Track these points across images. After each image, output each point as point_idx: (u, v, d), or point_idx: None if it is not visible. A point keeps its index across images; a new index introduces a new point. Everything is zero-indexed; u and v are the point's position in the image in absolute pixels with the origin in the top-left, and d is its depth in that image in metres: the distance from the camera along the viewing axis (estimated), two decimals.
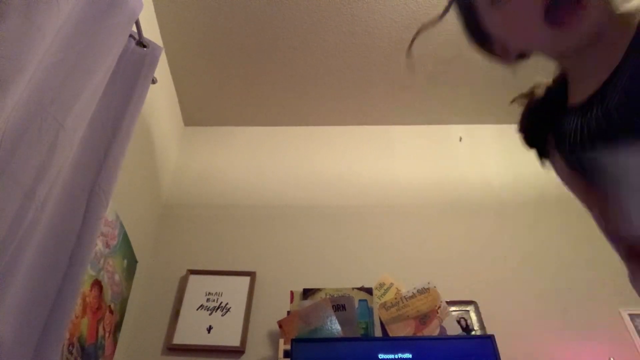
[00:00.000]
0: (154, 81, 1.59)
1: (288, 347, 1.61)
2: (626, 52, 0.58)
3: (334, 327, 1.68)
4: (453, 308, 1.85)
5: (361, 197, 2.32)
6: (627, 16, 0.60)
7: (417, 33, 0.81)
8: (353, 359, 1.54)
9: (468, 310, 1.86)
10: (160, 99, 2.20)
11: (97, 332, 1.56)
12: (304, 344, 1.57)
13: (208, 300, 1.94)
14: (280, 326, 1.76)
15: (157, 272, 2.06)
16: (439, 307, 1.79)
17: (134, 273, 1.90)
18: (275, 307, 1.90)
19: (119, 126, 1.33)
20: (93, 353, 1.53)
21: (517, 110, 0.89)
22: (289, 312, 1.82)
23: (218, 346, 1.82)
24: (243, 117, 2.59)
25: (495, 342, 1.57)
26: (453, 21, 0.97)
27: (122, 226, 1.76)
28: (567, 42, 0.63)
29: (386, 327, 1.77)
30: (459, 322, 1.80)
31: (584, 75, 0.66)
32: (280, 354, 1.68)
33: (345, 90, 2.44)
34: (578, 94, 0.66)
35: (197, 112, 2.57)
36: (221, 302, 1.94)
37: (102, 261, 1.59)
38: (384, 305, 1.82)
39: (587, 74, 0.65)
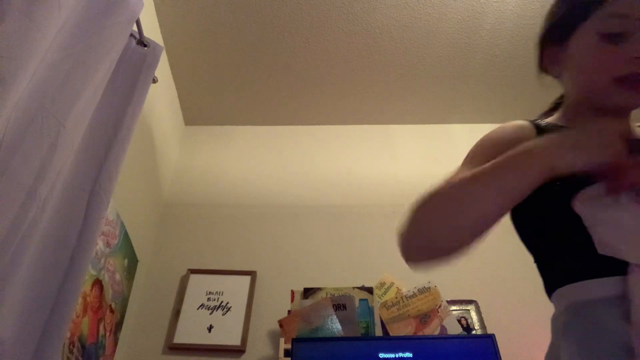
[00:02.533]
0: (154, 80, 1.59)
1: (289, 346, 1.61)
2: None
3: (335, 326, 1.68)
4: (454, 307, 1.85)
5: (362, 196, 2.32)
6: None
7: None
8: (354, 358, 1.54)
9: (469, 310, 1.86)
10: (160, 99, 2.20)
11: (97, 331, 1.56)
12: (305, 343, 1.57)
13: (209, 299, 1.94)
14: (280, 325, 1.76)
15: (157, 271, 2.06)
16: (440, 306, 1.79)
17: (134, 272, 1.91)
18: (275, 306, 1.90)
19: (119, 125, 1.33)
20: (94, 352, 1.53)
21: (517, 110, 0.90)
22: (289, 312, 1.82)
23: (219, 345, 1.82)
24: (244, 116, 2.59)
25: (495, 341, 1.56)
26: (453, 21, 0.96)
27: (122, 225, 1.76)
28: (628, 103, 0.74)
29: (387, 326, 1.77)
30: (459, 321, 1.80)
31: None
32: (281, 353, 1.68)
33: (346, 90, 2.44)
34: None
35: (197, 111, 2.57)
36: (222, 302, 1.94)
37: (102, 260, 1.59)
38: (384, 305, 1.82)
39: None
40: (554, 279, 0.70)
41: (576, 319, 0.63)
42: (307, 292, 1.89)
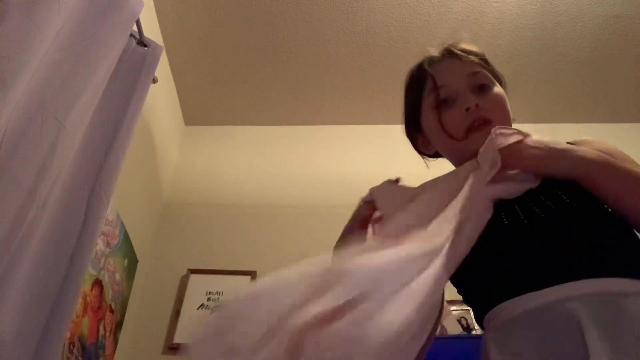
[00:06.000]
0: (154, 80, 1.59)
1: None
2: None
3: None
4: (454, 307, 1.85)
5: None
6: None
7: None
8: None
9: (469, 310, 1.86)
10: (160, 99, 2.20)
11: (97, 331, 1.56)
12: None
13: (209, 299, 1.94)
14: None
15: (157, 271, 2.06)
16: None
17: (134, 272, 1.91)
18: None
19: (119, 125, 1.33)
20: (94, 352, 1.53)
21: (516, 109, 0.94)
22: None
23: None
24: (244, 116, 2.59)
25: None
26: (453, 21, 0.97)
27: (122, 225, 1.76)
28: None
29: None
30: (459, 321, 1.80)
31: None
32: None
33: (347, 90, 2.44)
34: None
35: (197, 111, 2.57)
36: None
37: (102, 260, 1.59)
38: None
39: None
40: (480, 307, 0.78)
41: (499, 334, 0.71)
42: None
